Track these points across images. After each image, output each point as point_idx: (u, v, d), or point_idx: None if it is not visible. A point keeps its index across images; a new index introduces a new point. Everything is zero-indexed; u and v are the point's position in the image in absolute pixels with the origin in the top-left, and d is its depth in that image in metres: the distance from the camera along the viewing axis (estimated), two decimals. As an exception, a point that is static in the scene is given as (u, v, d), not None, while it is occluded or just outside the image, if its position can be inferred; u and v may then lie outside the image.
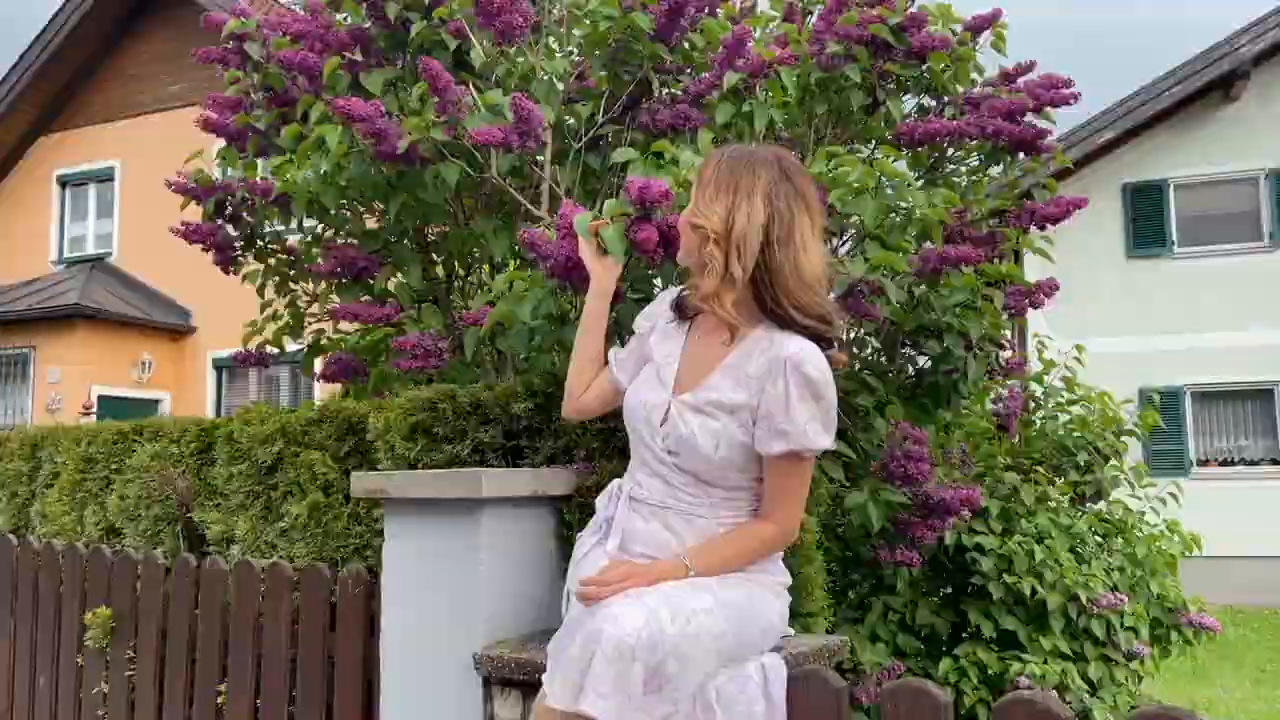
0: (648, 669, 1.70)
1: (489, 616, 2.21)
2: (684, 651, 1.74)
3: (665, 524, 1.97)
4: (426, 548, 2.30)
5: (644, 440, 2.00)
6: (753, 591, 1.94)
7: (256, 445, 3.04)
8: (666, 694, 1.74)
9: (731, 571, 1.93)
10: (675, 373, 2.01)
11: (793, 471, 1.93)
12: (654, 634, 1.70)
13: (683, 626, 1.75)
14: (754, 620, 1.91)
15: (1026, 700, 1.71)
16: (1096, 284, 13.15)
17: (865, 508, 3.02)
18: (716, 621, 1.81)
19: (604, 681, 1.67)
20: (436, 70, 2.58)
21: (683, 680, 1.75)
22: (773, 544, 2.00)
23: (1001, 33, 3.69)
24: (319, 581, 2.66)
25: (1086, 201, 3.41)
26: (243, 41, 3.49)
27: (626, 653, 1.68)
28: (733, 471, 1.94)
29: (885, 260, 2.78)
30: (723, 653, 1.82)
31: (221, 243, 3.97)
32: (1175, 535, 3.98)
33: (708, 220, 1.88)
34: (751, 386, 1.89)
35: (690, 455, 1.92)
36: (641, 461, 2.03)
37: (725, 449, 1.90)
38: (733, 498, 1.98)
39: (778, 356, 1.87)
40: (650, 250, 2.11)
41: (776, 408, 1.86)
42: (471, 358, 3.14)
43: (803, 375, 1.85)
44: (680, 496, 1.96)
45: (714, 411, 1.91)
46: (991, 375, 3.34)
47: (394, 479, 2.31)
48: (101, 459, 3.58)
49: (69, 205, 15.25)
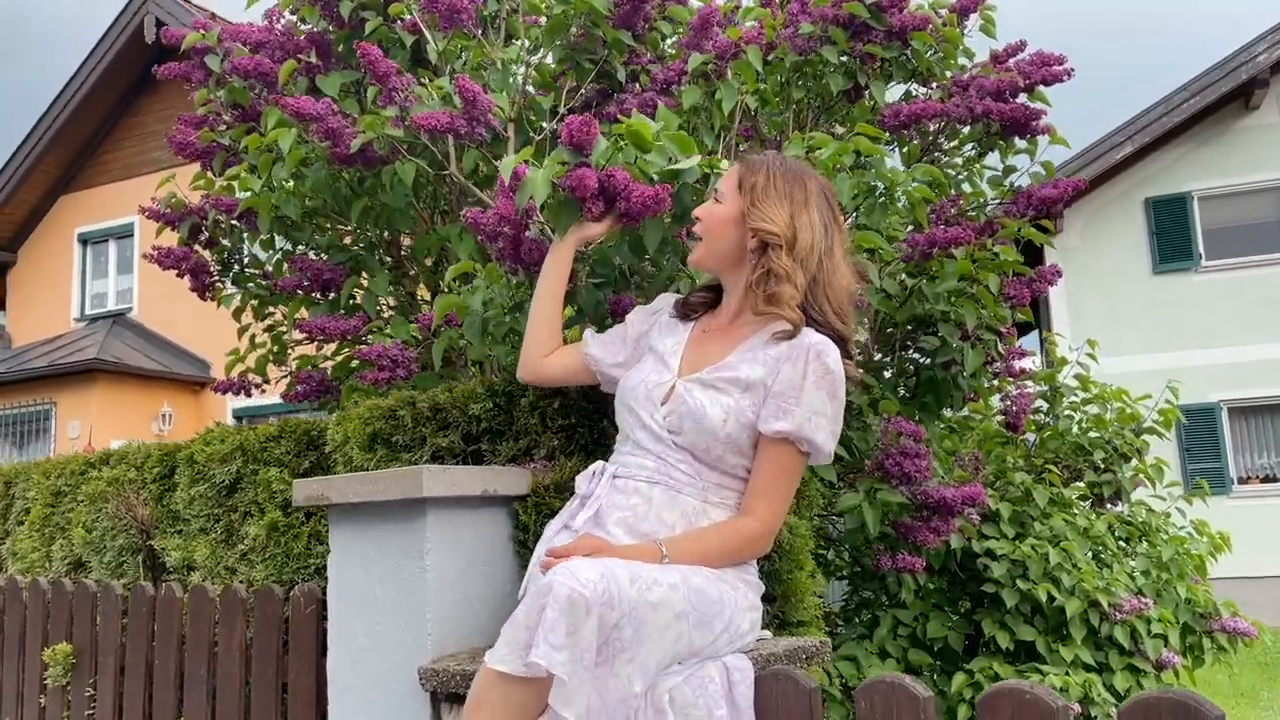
0: (602, 628, 1.54)
1: (437, 628, 2.04)
2: (642, 618, 1.58)
3: (648, 498, 1.86)
4: (371, 556, 2.14)
5: (641, 419, 1.92)
6: (723, 589, 1.77)
7: (215, 465, 2.90)
8: (620, 669, 1.57)
9: (708, 567, 1.79)
10: (680, 361, 1.97)
11: (784, 462, 1.85)
12: (611, 590, 1.55)
13: (643, 591, 1.60)
14: (720, 615, 1.74)
15: (1012, 690, 1.51)
16: (1124, 300, 12.87)
17: (861, 509, 2.83)
18: (680, 599, 1.66)
19: (557, 632, 1.50)
20: (375, 56, 2.46)
21: (637, 653, 1.58)
22: (754, 541, 1.86)
23: (990, 15, 3.55)
24: (273, 603, 2.50)
25: (1085, 183, 3.22)
26: (204, 55, 3.41)
27: (580, 604, 1.52)
28: (733, 454, 1.86)
29: (866, 240, 2.61)
30: (682, 638, 1.65)
31: (196, 267, 3.87)
32: (1203, 537, 3.74)
33: (774, 224, 1.89)
34: (769, 365, 1.86)
35: (695, 430, 1.84)
36: (635, 443, 1.94)
37: (734, 425, 1.84)
38: (724, 485, 1.89)
39: (800, 342, 1.86)
40: (586, 196, 1.96)
41: (790, 388, 1.83)
42: (441, 367, 2.99)
43: (823, 364, 1.84)
44: (672, 473, 1.87)
45: (726, 387, 1.87)
46: (991, 365, 3.14)
47: (334, 483, 2.15)
48: (69, 491, 3.45)
49: (90, 262, 15.38)
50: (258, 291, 3.92)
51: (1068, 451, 3.74)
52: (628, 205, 1.97)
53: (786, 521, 2.63)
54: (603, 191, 1.97)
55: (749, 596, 1.85)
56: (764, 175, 1.94)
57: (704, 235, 1.97)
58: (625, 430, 1.98)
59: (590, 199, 1.96)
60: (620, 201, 1.96)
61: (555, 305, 2.15)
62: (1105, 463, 3.67)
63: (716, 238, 1.95)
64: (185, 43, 3.38)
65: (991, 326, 3.01)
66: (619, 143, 1.99)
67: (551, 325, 2.15)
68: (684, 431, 1.86)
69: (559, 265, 2.14)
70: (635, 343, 2.10)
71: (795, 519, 2.67)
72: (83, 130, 14.86)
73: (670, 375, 1.94)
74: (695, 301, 2.07)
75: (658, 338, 2.04)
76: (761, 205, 1.91)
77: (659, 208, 1.97)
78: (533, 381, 2.21)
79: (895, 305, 2.95)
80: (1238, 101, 12.98)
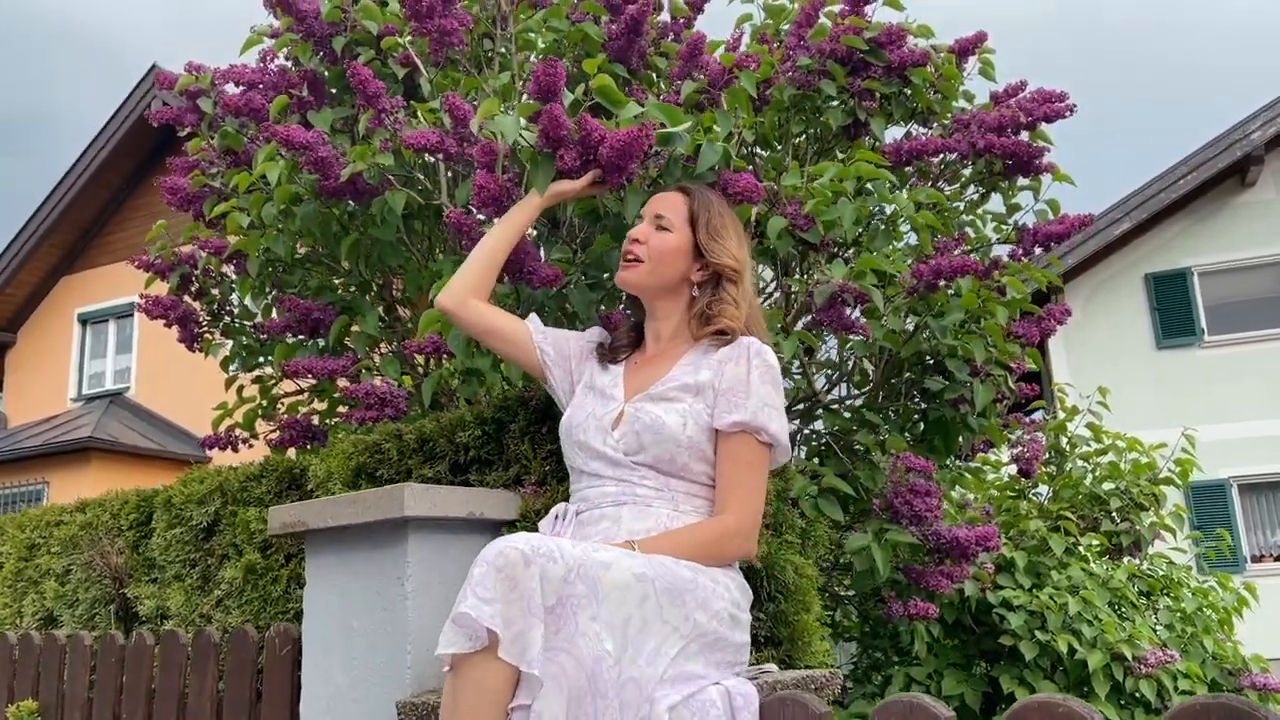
0: (548, 581, 1.45)
1: (417, 660, 1.90)
2: (594, 575, 1.48)
3: (616, 519, 1.77)
4: (350, 586, 2.00)
5: (594, 449, 1.86)
6: (697, 573, 1.66)
7: (193, 506, 2.77)
8: (585, 626, 1.46)
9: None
10: (622, 390, 1.94)
11: (745, 454, 1.80)
12: (550, 547, 1.47)
13: (589, 552, 1.51)
14: (692, 592, 1.63)
15: (1042, 704, 1.37)
16: (1128, 375, 12.77)
17: (870, 551, 2.69)
18: (639, 563, 1.56)
19: (485, 585, 1.42)
20: (365, 76, 2.41)
21: (599, 611, 1.47)
22: (730, 535, 1.76)
23: (989, 58, 3.52)
24: (246, 646, 2.35)
25: (1092, 218, 3.15)
26: (196, 98, 3.37)
27: (514, 558, 1.43)
28: (697, 460, 1.81)
29: (869, 264, 2.53)
30: (649, 599, 1.54)
31: (183, 317, 3.78)
32: (1227, 591, 3.58)
33: (735, 259, 1.94)
34: (714, 368, 1.86)
35: (655, 441, 1.80)
36: (591, 475, 1.86)
37: (693, 428, 1.81)
38: (693, 494, 1.82)
39: (740, 343, 1.88)
40: (559, 138, 1.90)
41: (738, 383, 1.83)
42: (430, 407, 2.89)
43: (764, 361, 1.85)
44: (637, 491, 1.79)
45: (677, 395, 1.85)
46: (1001, 402, 3.02)
47: (311, 507, 2.03)
48: (43, 543, 3.31)
49: (89, 342, 15.35)
50: (247, 342, 3.84)
51: (1083, 501, 3.60)
52: (604, 152, 1.91)
53: (792, 561, 2.50)
54: (580, 144, 1.91)
55: (731, 591, 1.72)
56: (714, 209, 1.96)
57: (648, 259, 1.93)
58: (578, 466, 1.90)
59: (564, 144, 1.91)
60: (598, 151, 1.90)
61: (500, 254, 2.10)
62: (1122, 512, 3.53)
63: (664, 265, 1.93)
64: (178, 85, 3.35)
65: (1001, 362, 2.90)
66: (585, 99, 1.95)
67: (491, 268, 2.10)
68: (644, 447, 1.80)
69: (521, 217, 2.10)
70: (568, 360, 2.05)
71: (801, 559, 2.53)
72: (87, 211, 14.96)
73: (616, 403, 1.90)
74: (621, 345, 2.04)
75: (593, 374, 2.01)
76: (721, 240, 1.94)
77: (639, 149, 1.91)
78: (452, 313, 2.09)
79: (901, 340, 2.85)
80: (1234, 178, 13.08)
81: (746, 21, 3.52)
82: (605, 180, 2.09)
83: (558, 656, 1.43)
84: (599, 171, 2.06)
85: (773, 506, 2.49)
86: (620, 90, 2.86)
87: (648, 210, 1.98)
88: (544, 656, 1.43)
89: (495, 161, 2.12)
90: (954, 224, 3.37)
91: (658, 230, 1.94)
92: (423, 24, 2.57)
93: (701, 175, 2.16)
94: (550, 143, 2.03)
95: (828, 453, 3.07)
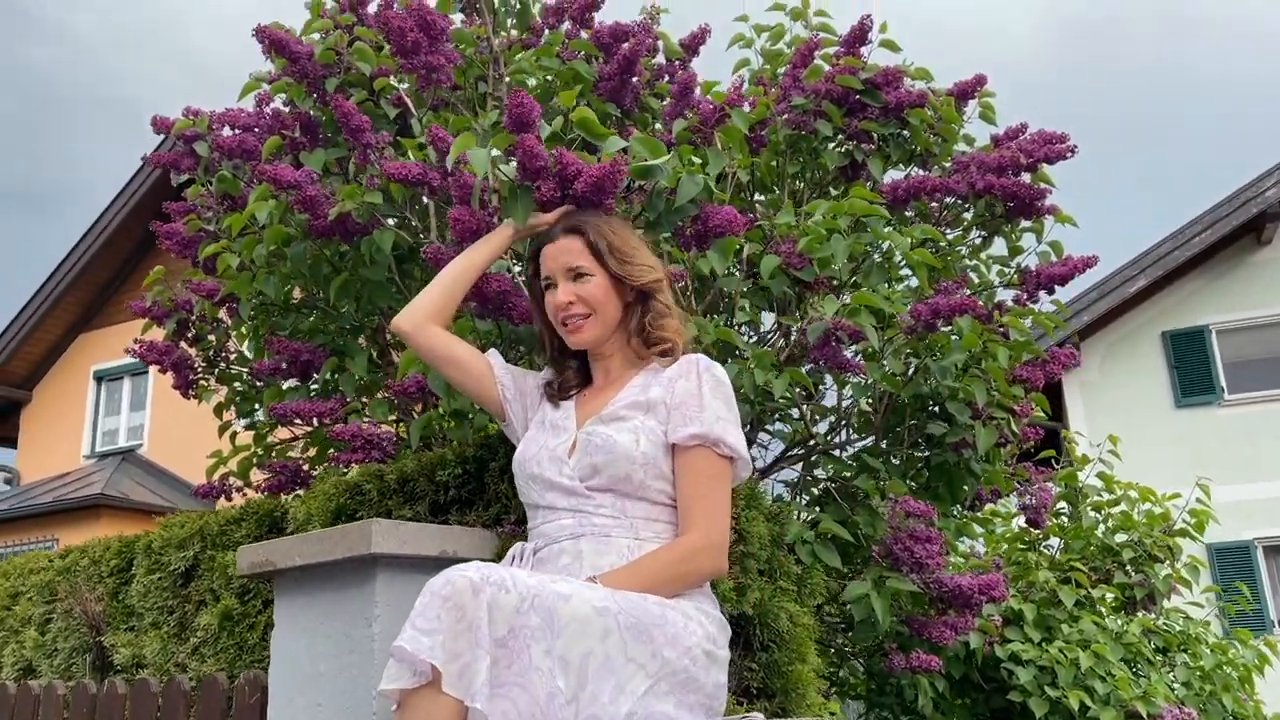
0: (499, 611, 1.37)
1: (383, 705, 1.80)
2: (550, 606, 1.41)
3: (576, 554, 1.69)
4: (318, 628, 1.93)
5: (549, 481, 1.80)
6: (665, 608, 1.57)
7: (172, 551, 2.71)
8: (539, 660, 1.38)
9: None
10: (574, 421, 1.90)
11: (704, 467, 1.75)
12: (503, 575, 1.40)
13: (547, 584, 1.43)
14: (661, 627, 1.55)
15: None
16: (1146, 435, 12.55)
17: (869, 599, 2.59)
18: (600, 596, 1.49)
19: (426, 616, 1.36)
20: (349, 110, 2.39)
21: (554, 645, 1.39)
22: (696, 553, 1.68)
23: (989, 102, 3.49)
24: (216, 694, 2.26)
25: (1098, 259, 3.09)
26: (193, 142, 3.37)
27: (462, 586, 1.37)
28: (655, 478, 1.75)
29: (864, 301, 2.46)
30: (611, 635, 1.45)
31: (178, 362, 3.75)
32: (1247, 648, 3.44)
33: (654, 269, 1.93)
34: (664, 384, 1.84)
35: (609, 462, 1.74)
36: (547, 508, 1.80)
37: (646, 444, 1.77)
38: (652, 517, 1.75)
39: (688, 359, 1.88)
40: (536, 169, 1.85)
41: (690, 398, 1.80)
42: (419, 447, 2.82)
43: (714, 376, 1.84)
44: (594, 521, 1.72)
45: (628, 414, 1.81)
46: (1005, 446, 2.93)
47: (279, 546, 1.96)
48: (25, 592, 3.25)
49: (104, 399, 15.39)
50: (242, 389, 3.80)
51: (1095, 552, 3.48)
52: (579, 187, 1.87)
53: (786, 609, 2.41)
54: (557, 178, 1.87)
55: (705, 627, 1.63)
56: (605, 231, 1.92)
57: (593, 310, 1.89)
58: (533, 501, 1.85)
59: (541, 175, 1.87)
60: (574, 185, 1.86)
61: (465, 281, 2.05)
62: (1135, 564, 3.41)
63: (607, 309, 1.91)
64: (175, 128, 3.35)
65: (1003, 404, 2.82)
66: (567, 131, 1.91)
67: (453, 295, 2.05)
68: (598, 470, 1.76)
69: (489, 247, 2.06)
70: (524, 397, 2.01)
71: (797, 607, 2.44)
72: (104, 270, 15.10)
73: (569, 433, 1.87)
74: (570, 385, 1.99)
75: (544, 411, 1.97)
76: (632, 259, 1.91)
77: (614, 184, 1.86)
78: (408, 335, 2.03)
79: (900, 383, 2.78)
80: (1249, 236, 13.00)
81: (744, 67, 3.51)
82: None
83: (510, 692, 1.35)
84: (571, 207, 2.02)
85: (767, 552, 2.41)
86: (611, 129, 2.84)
87: (555, 268, 1.91)
88: (495, 692, 1.34)
89: (471, 195, 2.08)
90: (955, 267, 3.31)
91: (578, 281, 1.89)
92: (409, 60, 2.55)
93: (682, 208, 2.12)
94: (528, 174, 1.99)
95: (828, 500, 2.98)
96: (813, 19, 3.29)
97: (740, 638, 2.36)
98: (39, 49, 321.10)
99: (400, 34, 2.46)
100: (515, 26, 3.06)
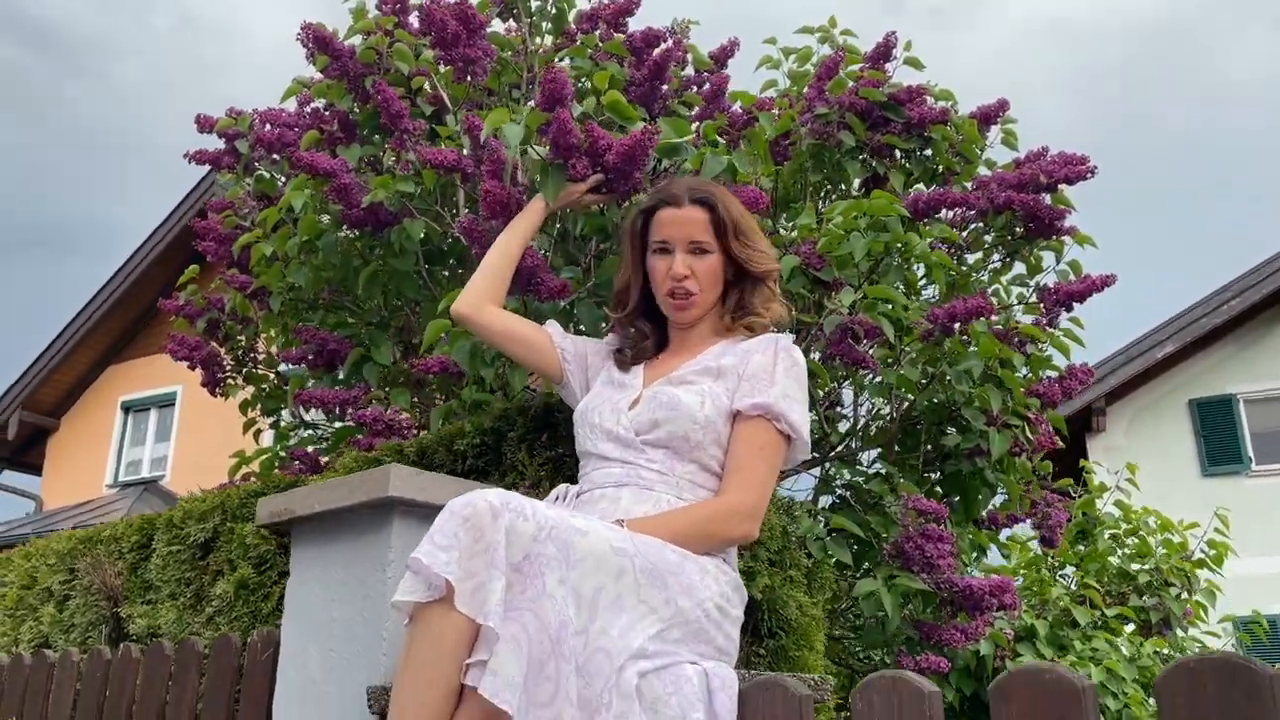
0: (516, 537, 1.38)
1: (393, 648, 1.83)
2: (566, 539, 1.41)
3: (615, 500, 1.70)
4: (333, 577, 1.96)
5: (606, 429, 1.81)
6: (684, 559, 1.58)
7: (193, 523, 2.75)
8: (553, 587, 1.38)
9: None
10: (641, 380, 1.90)
11: (760, 438, 1.74)
12: (523, 504, 1.41)
13: (564, 517, 1.44)
14: (676, 575, 1.54)
15: (1029, 672, 1.29)
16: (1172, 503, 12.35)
17: (879, 596, 2.59)
18: (619, 536, 1.49)
19: (444, 532, 1.38)
20: (390, 95, 2.48)
21: (569, 575, 1.40)
22: (726, 515, 1.68)
23: (1011, 128, 3.55)
24: (229, 653, 2.29)
25: (1116, 278, 3.12)
26: (234, 140, 3.49)
27: (482, 509, 1.38)
28: (711, 443, 1.75)
29: (880, 293, 2.51)
30: (626, 574, 1.46)
31: (208, 358, 3.84)
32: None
33: (772, 258, 1.94)
34: (739, 355, 1.83)
35: (670, 418, 1.75)
36: (599, 457, 1.81)
37: (710, 408, 1.76)
38: (698, 482, 1.75)
39: (767, 337, 1.87)
40: (569, 146, 1.90)
41: (763, 371, 1.79)
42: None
43: (791, 357, 1.83)
44: (641, 474, 1.73)
45: (697, 379, 1.81)
46: (1019, 455, 2.94)
47: (298, 494, 2.00)
48: (45, 569, 3.29)
49: (129, 430, 15.54)
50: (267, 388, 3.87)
51: (1111, 577, 3.45)
52: (610, 159, 1.93)
53: (795, 598, 2.42)
54: (589, 154, 1.92)
55: (721, 585, 1.64)
56: (734, 210, 1.90)
57: (701, 289, 1.88)
58: (588, 449, 1.84)
59: (573, 152, 1.92)
60: (605, 159, 1.91)
61: (510, 261, 2.10)
62: (1150, 588, 3.38)
63: (714, 286, 1.90)
64: (217, 127, 3.47)
65: (1018, 412, 2.84)
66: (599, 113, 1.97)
67: (502, 276, 2.09)
68: (657, 424, 1.75)
69: (526, 223, 2.11)
70: (585, 359, 2.02)
71: (807, 599, 2.46)
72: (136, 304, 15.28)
73: (634, 390, 1.87)
74: (644, 350, 1.96)
75: (611, 371, 1.97)
76: (754, 244, 1.90)
77: (644, 153, 1.91)
78: (469, 318, 2.06)
79: (916, 386, 2.80)
80: (1278, 305, 12.95)
81: (771, 88, 3.60)
82: (611, 187, 2.11)
83: (521, 615, 1.36)
84: (602, 176, 2.08)
85: (779, 542, 2.43)
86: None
87: (676, 235, 1.86)
88: (507, 615, 1.36)
89: (503, 170, 2.15)
90: (974, 284, 3.35)
91: (697, 256, 1.87)
92: (449, 52, 2.65)
93: (706, 186, 2.18)
94: (561, 151, 2.06)
95: (843, 506, 3.00)
96: (838, 38, 3.38)
97: (749, 623, 2.37)
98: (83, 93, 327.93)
99: (441, 25, 2.56)
100: (550, 32, 3.16)
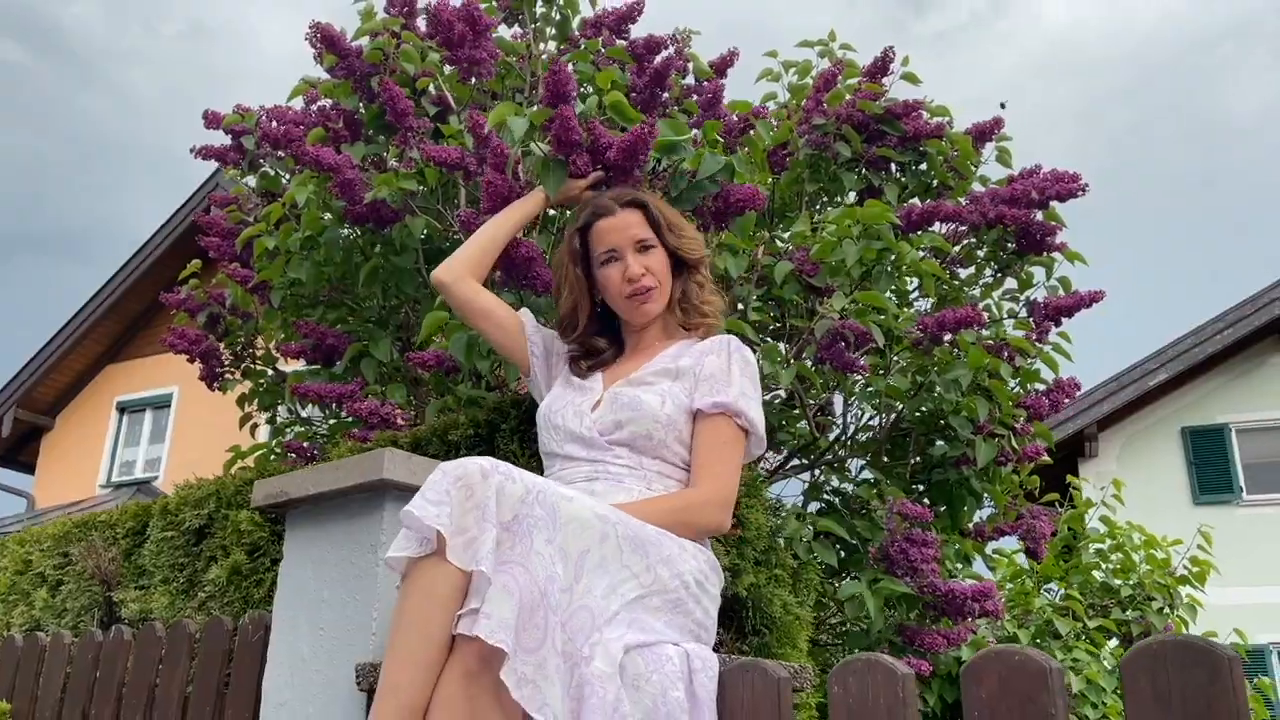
0: (505, 498, 1.44)
1: (382, 626, 1.86)
2: (553, 504, 1.47)
3: (590, 493, 1.73)
4: (325, 557, 2.00)
5: (569, 430, 1.88)
6: (664, 533, 1.63)
7: (187, 509, 2.79)
8: (540, 546, 1.42)
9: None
10: (601, 383, 1.96)
11: (722, 434, 1.82)
12: (511, 468, 1.47)
13: (550, 484, 1.51)
14: (657, 547, 1.60)
15: (999, 654, 1.33)
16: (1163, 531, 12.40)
17: (862, 598, 2.63)
18: (602, 506, 1.55)
19: (436, 489, 1.43)
20: (396, 93, 2.53)
21: (555, 535, 1.44)
22: (700, 506, 1.75)
23: (1006, 146, 3.61)
24: (220, 635, 2.32)
25: (1104, 294, 3.17)
26: (240, 136, 3.54)
27: (473, 470, 1.44)
28: (674, 440, 1.82)
29: (870, 300, 2.56)
30: (609, 539, 1.51)
31: (207, 352, 3.88)
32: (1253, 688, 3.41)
33: (701, 243, 2.02)
34: (694, 357, 1.90)
35: (633, 419, 1.81)
36: (564, 457, 1.88)
37: (671, 406, 1.83)
38: (665, 474, 1.82)
39: (721, 338, 1.94)
40: (570, 142, 1.95)
41: (719, 372, 1.86)
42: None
43: (744, 357, 1.90)
44: (610, 469, 1.80)
45: (656, 379, 1.88)
46: (1006, 464, 2.98)
47: (294, 476, 2.04)
48: (40, 555, 3.32)
49: (124, 430, 15.54)
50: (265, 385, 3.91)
51: (1094, 591, 3.49)
52: (612, 155, 1.97)
53: (780, 597, 2.45)
54: (590, 150, 1.97)
55: (699, 561, 1.69)
56: (662, 205, 2.00)
57: (659, 284, 1.95)
58: (553, 450, 1.90)
59: (575, 148, 1.96)
60: (606, 156, 1.96)
61: (500, 240, 2.15)
62: (1132, 602, 3.42)
63: (667, 281, 1.98)
64: (224, 123, 3.52)
65: (1005, 422, 2.88)
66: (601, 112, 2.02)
67: (489, 252, 2.14)
68: (621, 425, 1.82)
69: (523, 210, 2.16)
70: (551, 356, 2.08)
71: (792, 598, 2.49)
72: (136, 304, 15.33)
73: (595, 392, 1.92)
74: (603, 358, 2.02)
75: (568, 375, 2.02)
76: (684, 233, 1.98)
77: (644, 147, 1.96)
78: (446, 285, 2.10)
79: (905, 394, 2.85)
80: (1272, 336, 13.02)
81: (771, 100, 3.66)
82: (611, 184, 2.16)
83: (511, 569, 1.41)
84: (603, 174, 2.13)
85: (764, 541, 2.47)
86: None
87: (620, 241, 1.93)
88: (497, 568, 1.41)
89: (505, 163, 2.20)
90: (965, 299, 3.40)
91: (645, 253, 1.94)
92: (454, 52, 2.70)
93: (703, 184, 2.23)
94: (563, 147, 2.11)
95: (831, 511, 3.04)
96: (838, 52, 3.44)
97: (733, 621, 2.41)
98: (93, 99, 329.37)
99: (448, 26, 2.61)
100: (555, 38, 3.22)
